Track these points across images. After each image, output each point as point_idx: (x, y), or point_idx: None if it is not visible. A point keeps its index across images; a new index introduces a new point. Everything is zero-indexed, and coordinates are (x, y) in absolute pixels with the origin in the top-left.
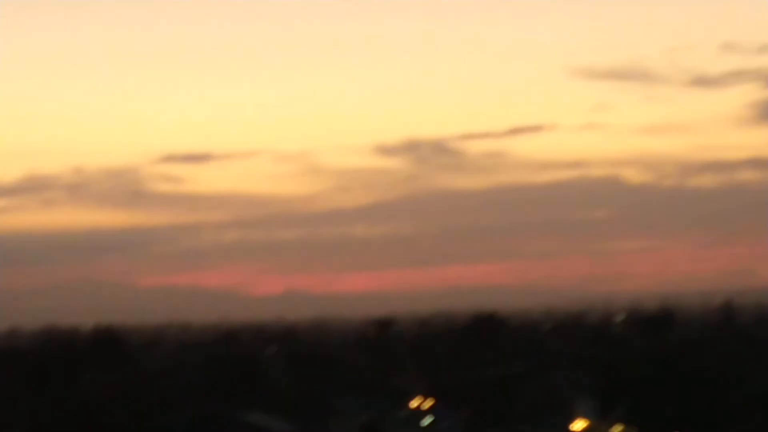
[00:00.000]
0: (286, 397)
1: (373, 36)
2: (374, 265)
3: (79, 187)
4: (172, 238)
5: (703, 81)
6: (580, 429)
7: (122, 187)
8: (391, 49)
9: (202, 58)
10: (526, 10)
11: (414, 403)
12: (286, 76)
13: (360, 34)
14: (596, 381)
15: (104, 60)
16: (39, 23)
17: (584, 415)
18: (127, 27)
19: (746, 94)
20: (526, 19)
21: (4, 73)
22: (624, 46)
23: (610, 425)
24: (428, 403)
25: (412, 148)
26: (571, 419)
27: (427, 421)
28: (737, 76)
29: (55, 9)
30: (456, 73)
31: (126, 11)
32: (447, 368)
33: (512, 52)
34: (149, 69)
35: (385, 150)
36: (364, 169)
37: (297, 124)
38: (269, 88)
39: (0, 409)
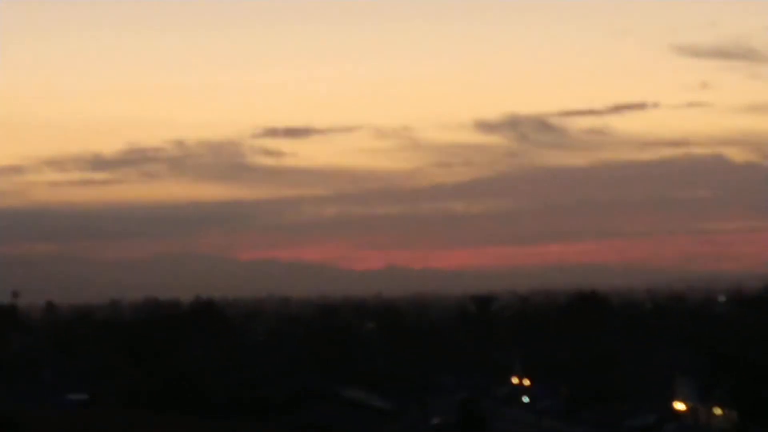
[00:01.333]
0: (384, 372)
1: (475, 12)
2: (474, 242)
3: (180, 161)
4: (273, 212)
5: None
6: (680, 410)
7: (223, 160)
8: (492, 24)
9: (304, 33)
10: None
11: (514, 381)
12: (387, 52)
13: (461, 11)
14: (697, 362)
15: (206, 33)
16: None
17: (685, 396)
18: (230, 0)
19: None
20: None
21: (104, 45)
22: (728, 25)
23: (711, 407)
24: (528, 381)
25: (512, 124)
26: (671, 400)
27: (527, 398)
28: None
29: None
30: (558, 50)
31: None
32: (547, 346)
33: (616, 29)
34: (251, 43)
35: (486, 126)
36: (465, 144)
37: (398, 99)
38: (370, 63)
39: (101, 379)
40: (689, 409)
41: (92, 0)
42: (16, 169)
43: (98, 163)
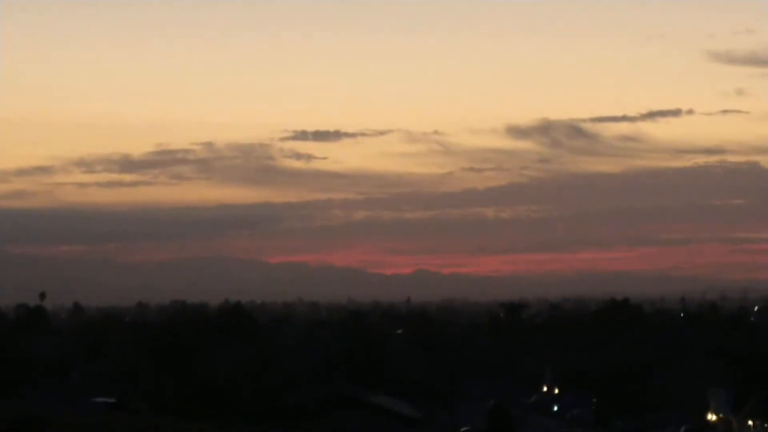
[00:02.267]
0: (413, 379)
1: (507, 16)
2: (505, 248)
3: (209, 163)
4: (302, 216)
5: None
6: (712, 421)
7: (252, 163)
8: (524, 29)
9: (334, 36)
10: None
11: (544, 389)
12: (418, 56)
13: (494, 15)
14: (731, 372)
15: (236, 36)
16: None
17: (717, 407)
18: (261, 2)
19: None
20: (666, 3)
21: (134, 48)
22: (764, 32)
23: (744, 418)
24: (558, 389)
25: (545, 129)
26: (703, 411)
27: (556, 407)
28: None
29: None
30: (591, 55)
31: None
32: (578, 354)
33: (650, 34)
34: (281, 45)
35: (518, 131)
36: (496, 150)
37: (428, 103)
38: (401, 67)
39: (129, 383)
40: (721, 420)
41: (122, 2)
42: (44, 170)
43: (127, 164)
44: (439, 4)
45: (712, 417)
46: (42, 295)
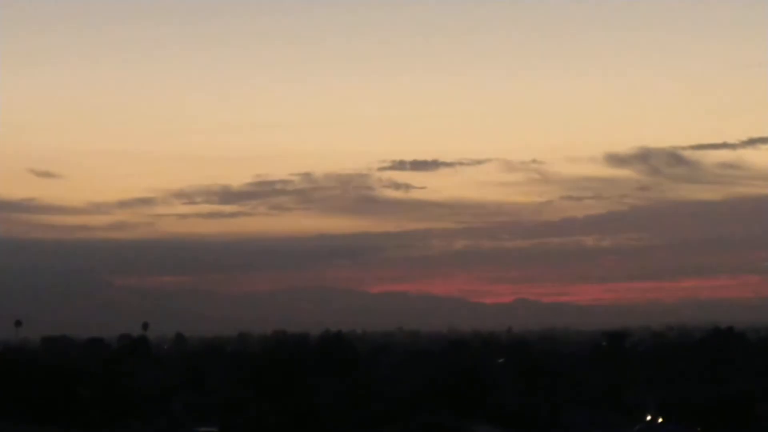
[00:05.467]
0: (514, 408)
1: (606, 44)
2: (605, 277)
3: (307, 193)
4: (401, 245)
5: None
6: None
7: (351, 193)
8: (624, 56)
9: (432, 66)
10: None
11: (647, 419)
12: (517, 84)
13: (592, 43)
14: None
15: (332, 67)
16: (264, 31)
17: None
18: (359, 33)
19: None
20: (766, 30)
21: (231, 81)
22: None
23: None
24: (661, 419)
25: (644, 157)
26: None
27: None
28: None
29: (292, 14)
30: (691, 82)
31: (362, 18)
32: (681, 383)
33: (750, 61)
34: (377, 76)
35: (617, 159)
36: (595, 178)
37: (526, 132)
38: (498, 95)
39: (229, 412)
40: None
41: (218, 39)
42: (145, 202)
43: (226, 195)
44: (536, 34)
45: None
46: (145, 326)
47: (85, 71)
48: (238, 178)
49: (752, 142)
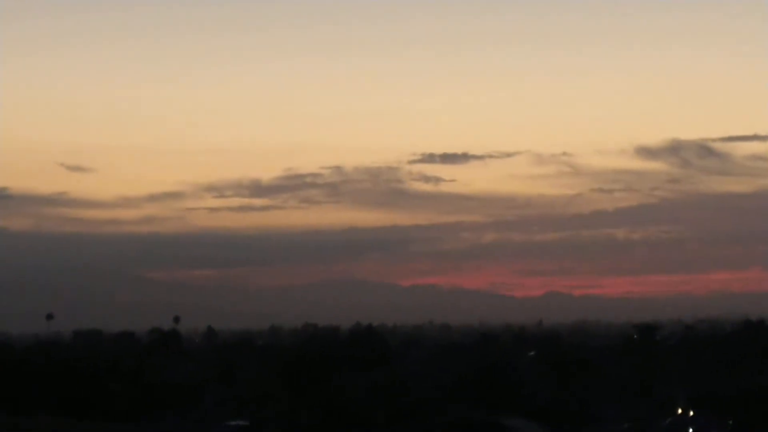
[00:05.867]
0: (545, 402)
1: (635, 36)
2: (636, 269)
3: (338, 186)
4: (431, 238)
5: None
6: None
7: (381, 186)
8: (653, 49)
9: (462, 58)
10: None
11: (678, 411)
12: (547, 77)
13: (621, 36)
14: None
15: (363, 59)
16: (295, 26)
17: None
18: (391, 27)
19: None
20: None
21: (261, 73)
22: None
23: None
24: (692, 412)
25: (674, 149)
26: None
27: (691, 429)
28: None
29: (326, 12)
30: (721, 73)
31: (394, 12)
32: (712, 376)
33: None
34: (407, 69)
35: (647, 151)
36: (625, 170)
37: (556, 125)
38: (529, 88)
39: (261, 406)
40: None
41: (249, 27)
42: (176, 196)
43: (257, 189)
44: (565, 26)
45: None
46: (176, 319)
47: (116, 67)
48: (269, 171)
49: None
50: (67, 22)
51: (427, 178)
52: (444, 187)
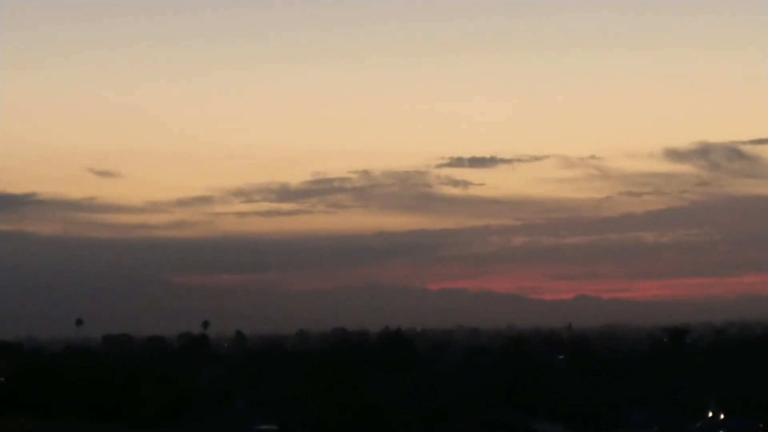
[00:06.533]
0: (574, 406)
1: (664, 39)
2: (666, 273)
3: (366, 191)
4: (460, 242)
5: None
6: None
7: (409, 190)
8: (683, 51)
9: (489, 62)
10: None
11: (709, 415)
12: (575, 80)
13: (649, 38)
14: None
15: (391, 63)
16: (322, 30)
17: None
18: (420, 30)
19: None
20: None
21: (291, 77)
22: None
23: None
24: (724, 415)
25: (703, 152)
26: None
27: None
28: None
29: (355, 13)
30: (749, 76)
31: (421, 14)
32: (743, 380)
33: None
34: (436, 72)
35: (676, 154)
36: (654, 173)
37: (585, 128)
38: (557, 91)
39: (290, 410)
40: None
41: (277, 32)
42: (204, 200)
43: (285, 193)
44: (592, 29)
45: None
46: (205, 324)
47: (145, 72)
48: (297, 176)
49: None
50: (96, 28)
51: (455, 182)
52: (472, 191)
